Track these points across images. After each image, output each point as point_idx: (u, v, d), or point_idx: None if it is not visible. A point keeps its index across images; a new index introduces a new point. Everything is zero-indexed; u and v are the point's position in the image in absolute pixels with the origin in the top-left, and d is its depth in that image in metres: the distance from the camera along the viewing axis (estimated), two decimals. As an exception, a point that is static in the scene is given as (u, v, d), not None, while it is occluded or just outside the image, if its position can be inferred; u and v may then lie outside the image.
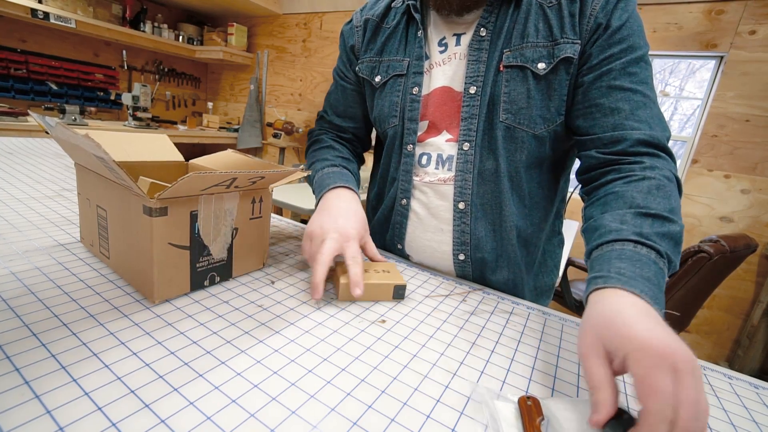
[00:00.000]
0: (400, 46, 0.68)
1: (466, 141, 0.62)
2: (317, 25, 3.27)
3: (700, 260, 1.42)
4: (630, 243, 0.42)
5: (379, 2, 0.73)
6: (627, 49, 0.53)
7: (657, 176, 0.49)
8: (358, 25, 0.73)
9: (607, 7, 0.54)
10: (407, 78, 0.67)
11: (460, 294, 0.61)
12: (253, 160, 0.59)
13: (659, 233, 0.43)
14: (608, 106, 0.54)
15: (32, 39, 2.80)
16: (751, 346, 2.02)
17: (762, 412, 0.41)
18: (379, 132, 0.75)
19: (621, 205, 0.47)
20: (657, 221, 0.44)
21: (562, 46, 0.55)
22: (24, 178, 0.85)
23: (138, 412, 0.29)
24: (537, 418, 0.33)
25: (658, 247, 0.42)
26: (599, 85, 0.55)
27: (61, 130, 0.41)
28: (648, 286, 0.37)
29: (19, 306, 0.40)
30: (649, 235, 0.43)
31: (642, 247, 0.42)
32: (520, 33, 0.58)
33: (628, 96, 0.53)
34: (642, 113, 0.52)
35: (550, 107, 0.58)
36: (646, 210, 0.45)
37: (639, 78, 0.53)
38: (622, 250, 0.42)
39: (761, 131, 1.96)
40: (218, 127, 3.62)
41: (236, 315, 0.45)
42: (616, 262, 0.40)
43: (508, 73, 0.58)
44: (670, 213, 0.45)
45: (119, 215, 0.47)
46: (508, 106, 0.59)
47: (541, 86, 0.57)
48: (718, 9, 1.98)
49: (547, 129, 0.59)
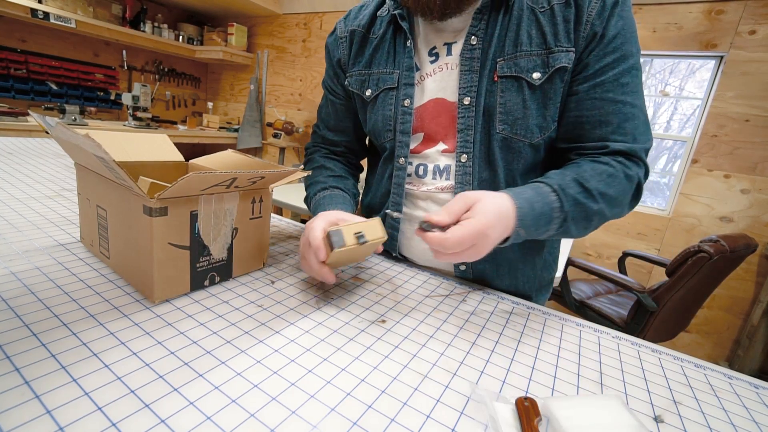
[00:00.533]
0: (389, 58, 0.66)
1: (463, 153, 0.61)
2: (317, 25, 3.27)
3: (700, 260, 1.42)
4: (549, 188, 0.53)
5: (364, 10, 0.70)
6: (620, 59, 0.54)
7: (618, 168, 0.54)
8: (342, 36, 0.71)
9: (604, 14, 0.53)
10: (398, 90, 0.65)
11: (460, 294, 0.61)
12: (253, 160, 0.59)
13: (575, 200, 0.52)
14: (598, 119, 0.55)
15: (32, 39, 2.80)
16: (751, 346, 2.02)
17: (762, 412, 0.41)
18: (376, 145, 0.74)
19: (572, 171, 0.55)
20: (584, 193, 0.53)
21: (556, 55, 0.54)
22: (24, 178, 0.85)
23: (138, 412, 0.29)
24: (535, 418, 0.33)
25: (565, 203, 0.52)
26: (592, 96, 0.55)
27: (61, 130, 0.41)
28: (527, 207, 0.50)
29: (19, 306, 0.40)
30: (567, 194, 0.52)
31: (553, 194, 0.52)
32: (512, 41, 0.57)
33: (619, 108, 0.54)
34: (629, 125, 0.55)
35: (546, 116, 0.58)
36: (583, 182, 0.53)
37: (630, 88, 0.55)
38: (539, 186, 0.53)
39: (761, 131, 1.96)
40: (218, 127, 3.62)
41: (236, 315, 0.45)
42: (528, 188, 0.52)
43: (503, 83, 0.57)
44: (600, 195, 0.53)
45: (119, 215, 0.47)
46: (505, 117, 0.58)
47: (536, 96, 0.57)
48: (718, 9, 1.98)
49: (543, 137, 0.59)
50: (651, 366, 0.47)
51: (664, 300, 1.52)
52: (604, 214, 0.55)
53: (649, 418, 0.38)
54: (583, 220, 0.54)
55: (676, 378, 0.45)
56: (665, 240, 2.24)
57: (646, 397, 0.41)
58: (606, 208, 0.54)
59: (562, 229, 0.54)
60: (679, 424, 0.37)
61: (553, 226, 0.52)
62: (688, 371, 0.47)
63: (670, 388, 0.43)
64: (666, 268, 1.54)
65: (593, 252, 2.44)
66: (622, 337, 0.53)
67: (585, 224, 0.55)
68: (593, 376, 0.43)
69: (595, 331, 0.54)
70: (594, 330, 0.55)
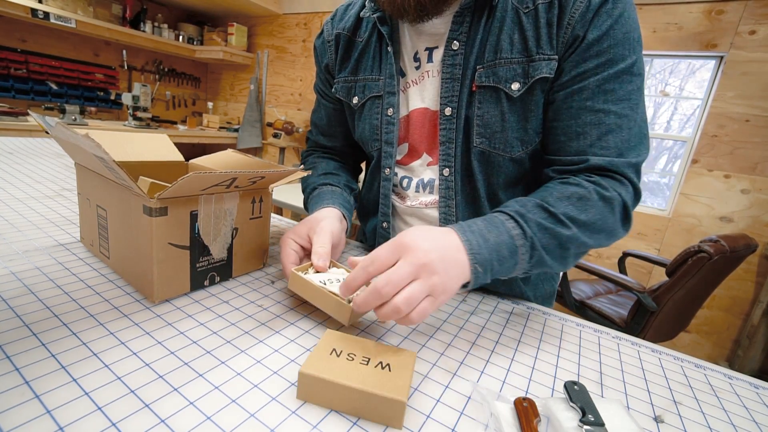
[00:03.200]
0: (375, 63, 0.63)
1: (446, 167, 0.59)
2: (317, 25, 3.27)
3: (700, 260, 1.42)
4: (504, 215, 0.46)
5: (350, 9, 0.67)
6: (605, 64, 0.48)
7: (590, 190, 0.48)
8: (329, 39, 0.68)
9: (587, 16, 0.47)
10: (382, 99, 0.62)
11: (460, 294, 0.61)
12: (253, 160, 0.59)
13: (540, 225, 0.45)
14: (575, 130, 0.50)
15: (32, 39, 2.80)
16: (751, 346, 2.02)
17: (762, 412, 0.41)
18: (365, 153, 0.73)
19: (536, 196, 0.49)
20: (550, 218, 0.46)
21: (537, 64, 0.50)
22: (24, 178, 0.85)
23: (138, 412, 0.29)
24: (534, 419, 0.33)
25: (527, 229, 0.45)
26: (569, 105, 0.50)
27: (61, 129, 0.41)
28: (478, 240, 0.42)
29: (19, 306, 0.40)
30: (527, 219, 0.45)
31: (510, 221, 0.45)
32: (493, 46, 0.52)
33: (599, 119, 0.49)
34: (612, 138, 0.49)
35: (528, 129, 0.53)
36: (547, 206, 0.47)
37: (617, 96, 0.48)
38: (493, 216, 0.46)
39: (761, 131, 1.96)
40: (218, 127, 3.62)
41: (236, 315, 0.45)
42: (479, 220, 0.45)
43: (481, 93, 0.53)
44: (569, 220, 0.46)
45: (119, 215, 0.47)
46: (482, 130, 0.54)
47: (516, 108, 0.52)
48: (718, 9, 1.98)
49: (526, 151, 0.55)
50: (651, 366, 0.47)
51: (664, 300, 1.52)
52: (582, 240, 0.47)
53: (649, 418, 0.38)
54: (557, 248, 0.46)
55: (676, 378, 0.45)
56: (665, 240, 2.24)
57: (646, 397, 0.41)
58: (581, 235, 0.47)
59: (534, 260, 0.46)
60: (679, 424, 0.37)
61: (522, 258, 0.45)
62: (688, 371, 0.47)
63: (670, 388, 0.43)
64: (666, 268, 1.54)
65: (593, 252, 2.44)
66: (622, 337, 0.53)
67: (561, 253, 0.47)
68: (593, 376, 0.43)
69: (595, 331, 0.54)
70: (594, 330, 0.55)
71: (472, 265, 0.41)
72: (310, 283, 0.45)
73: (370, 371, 0.33)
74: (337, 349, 0.35)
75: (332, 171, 0.73)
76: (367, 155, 0.73)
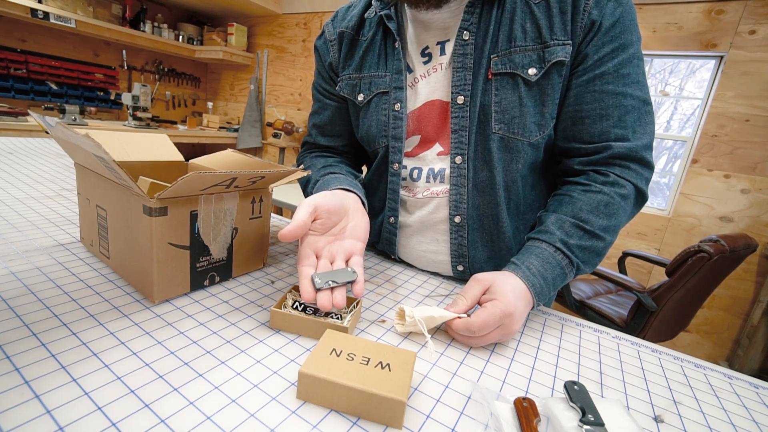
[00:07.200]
0: (380, 60, 0.64)
1: (458, 155, 0.60)
2: (317, 25, 3.27)
3: (700, 260, 1.42)
4: (552, 247, 0.53)
5: (351, 10, 0.68)
6: (620, 48, 0.52)
7: (611, 193, 0.54)
8: (331, 38, 0.69)
9: (601, 1, 0.51)
10: (390, 94, 0.63)
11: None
12: (253, 160, 0.59)
13: (582, 246, 0.53)
14: (599, 112, 0.54)
15: (32, 39, 2.80)
16: (751, 346, 2.02)
17: (762, 412, 0.41)
18: (368, 151, 0.72)
19: (568, 211, 0.55)
20: (587, 236, 0.53)
21: (552, 50, 0.53)
22: (24, 178, 0.85)
23: (138, 412, 0.29)
24: (534, 418, 0.33)
25: (572, 257, 0.53)
26: (592, 89, 0.54)
27: (61, 129, 0.41)
28: (540, 283, 0.50)
29: (19, 306, 0.40)
30: (571, 246, 0.53)
31: (559, 254, 0.52)
32: (506, 36, 0.55)
33: (619, 101, 0.53)
34: (630, 118, 0.54)
35: (544, 113, 0.56)
36: (584, 225, 0.53)
37: (631, 78, 0.53)
38: (542, 249, 0.53)
39: (761, 131, 1.96)
40: (218, 127, 3.62)
41: (236, 315, 0.45)
42: (533, 258, 0.52)
43: (498, 81, 0.55)
44: (603, 231, 0.54)
45: (119, 215, 0.47)
46: (501, 116, 0.56)
47: (533, 93, 0.55)
48: (718, 9, 1.98)
49: (542, 136, 0.57)
50: (651, 366, 0.47)
51: (664, 300, 1.52)
52: (611, 241, 0.56)
53: (649, 418, 0.38)
54: (594, 258, 0.55)
55: (676, 378, 0.45)
56: (665, 240, 2.24)
57: (646, 397, 0.41)
58: (611, 237, 0.55)
59: (574, 276, 0.55)
60: (679, 424, 0.37)
61: (568, 279, 0.54)
62: (688, 371, 0.47)
63: (670, 388, 0.43)
64: (666, 268, 1.54)
65: (593, 252, 2.44)
66: (622, 337, 0.53)
67: (597, 260, 0.56)
68: (593, 376, 0.43)
69: (595, 331, 0.54)
70: (594, 330, 0.55)
71: (535, 303, 0.50)
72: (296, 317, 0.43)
73: (370, 371, 0.33)
74: (337, 349, 0.35)
75: (332, 164, 0.73)
76: (370, 155, 0.72)
